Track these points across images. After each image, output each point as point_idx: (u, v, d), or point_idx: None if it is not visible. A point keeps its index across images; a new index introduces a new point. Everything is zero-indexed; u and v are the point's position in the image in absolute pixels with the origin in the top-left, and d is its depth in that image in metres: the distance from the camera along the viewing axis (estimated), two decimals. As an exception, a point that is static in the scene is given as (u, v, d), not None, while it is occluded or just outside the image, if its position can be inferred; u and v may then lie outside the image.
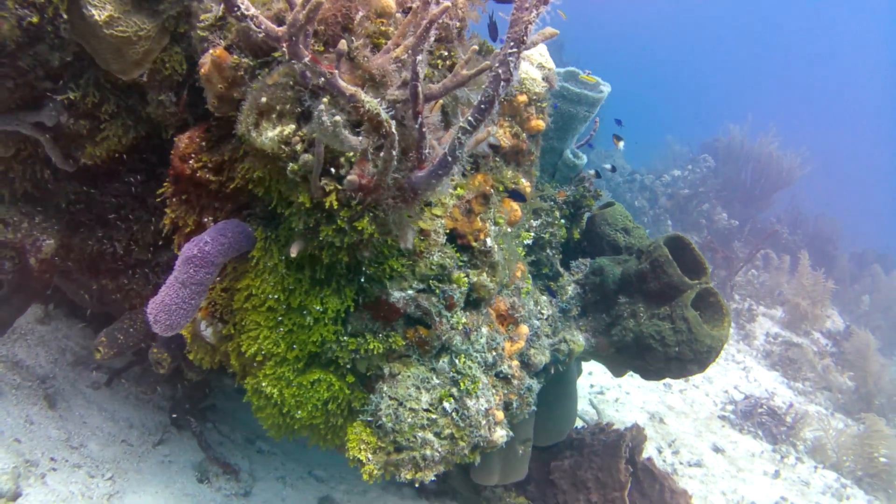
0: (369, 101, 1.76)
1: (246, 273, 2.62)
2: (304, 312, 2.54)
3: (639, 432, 5.07)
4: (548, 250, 4.24)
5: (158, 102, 2.84)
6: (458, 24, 2.52)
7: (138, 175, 3.32)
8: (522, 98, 3.02)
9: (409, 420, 2.53)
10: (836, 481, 6.59)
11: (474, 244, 2.70)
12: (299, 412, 2.70)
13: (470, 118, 1.84)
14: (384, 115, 1.78)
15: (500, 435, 2.67)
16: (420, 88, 1.90)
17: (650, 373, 4.38)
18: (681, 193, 14.99)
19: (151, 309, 2.45)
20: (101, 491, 3.98)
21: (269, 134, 2.07)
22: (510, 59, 1.74)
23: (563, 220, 4.39)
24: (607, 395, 7.46)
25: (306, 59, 1.69)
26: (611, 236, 4.75)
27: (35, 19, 2.55)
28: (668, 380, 7.58)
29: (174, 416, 4.47)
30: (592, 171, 4.71)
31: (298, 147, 2.07)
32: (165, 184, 2.85)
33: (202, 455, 4.50)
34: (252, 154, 2.31)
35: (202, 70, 2.34)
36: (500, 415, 2.68)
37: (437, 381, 2.62)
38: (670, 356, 4.06)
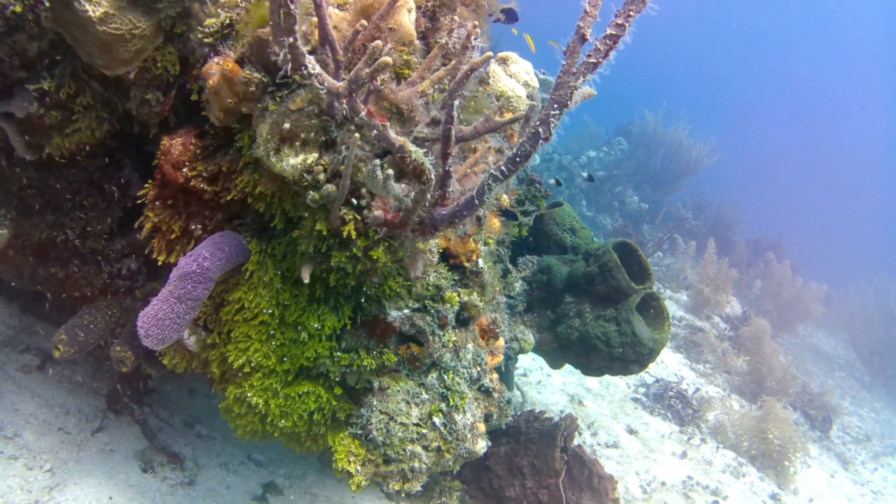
0: (416, 151, 1.79)
1: (238, 285, 2.59)
2: (299, 328, 2.55)
3: (571, 421, 5.34)
4: (501, 249, 4.37)
5: (143, 101, 2.72)
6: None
7: (118, 171, 3.19)
8: (508, 115, 3.08)
9: (400, 434, 2.61)
10: (734, 460, 7.18)
11: (466, 265, 2.78)
12: (283, 421, 2.72)
13: (503, 168, 1.91)
14: (428, 166, 1.82)
15: (482, 446, 2.80)
16: (453, 132, 1.95)
17: (592, 370, 4.63)
18: (596, 175, 15.49)
19: (143, 323, 2.39)
20: (40, 484, 3.84)
21: (292, 161, 2.05)
22: (552, 119, 1.82)
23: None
24: (530, 377, 7.77)
25: (363, 113, 1.70)
26: (558, 235, 4.93)
27: (18, 8, 2.39)
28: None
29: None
30: (553, 180, 4.86)
31: (321, 177, 2.07)
32: (147, 185, 2.76)
33: (144, 442, 4.40)
34: (266, 176, 2.28)
35: (210, 81, 2.27)
36: (481, 427, 2.80)
37: (427, 396, 2.71)
38: (614, 356, 4.31)
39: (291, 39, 1.54)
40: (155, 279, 3.66)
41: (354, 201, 2.11)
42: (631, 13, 1.69)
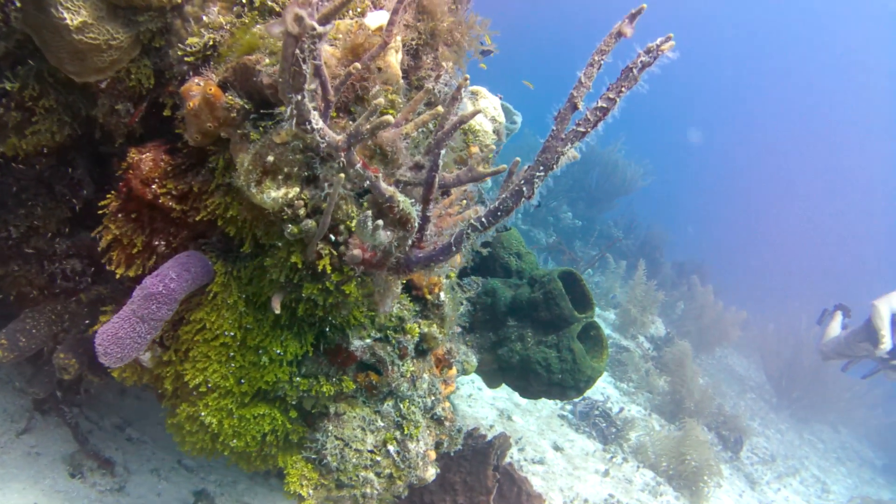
0: (404, 201, 1.84)
1: (200, 305, 2.57)
2: (260, 352, 2.55)
3: (504, 440, 5.46)
4: (450, 270, 4.45)
5: (112, 110, 2.66)
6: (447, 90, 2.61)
7: (69, 170, 3.10)
8: (474, 149, 3.17)
9: (354, 460, 2.64)
10: (653, 479, 7.48)
11: (429, 297, 2.84)
12: (235, 441, 2.72)
13: (483, 219, 1.98)
14: (414, 215, 1.88)
15: (432, 473, 2.86)
16: (437, 179, 2.01)
17: (530, 393, 4.76)
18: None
19: (102, 341, 2.35)
20: (-40, 489, 3.69)
21: (273, 194, 2.07)
22: (536, 179, 1.90)
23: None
24: (461, 390, 7.87)
25: (358, 166, 1.74)
26: (504, 259, 5.05)
27: (-10, 10, 2.31)
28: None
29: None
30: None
31: (301, 211, 2.09)
32: (109, 196, 2.70)
33: (73, 445, 4.27)
34: (242, 204, 2.28)
35: (190, 103, 2.25)
36: (432, 454, 2.87)
37: (382, 424, 2.75)
38: (553, 382, 4.45)
39: (299, 97, 1.57)
40: (99, 282, 3.57)
41: (332, 237, 2.15)
42: (623, 89, 1.79)
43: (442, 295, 2.88)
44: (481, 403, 7.76)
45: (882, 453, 13.99)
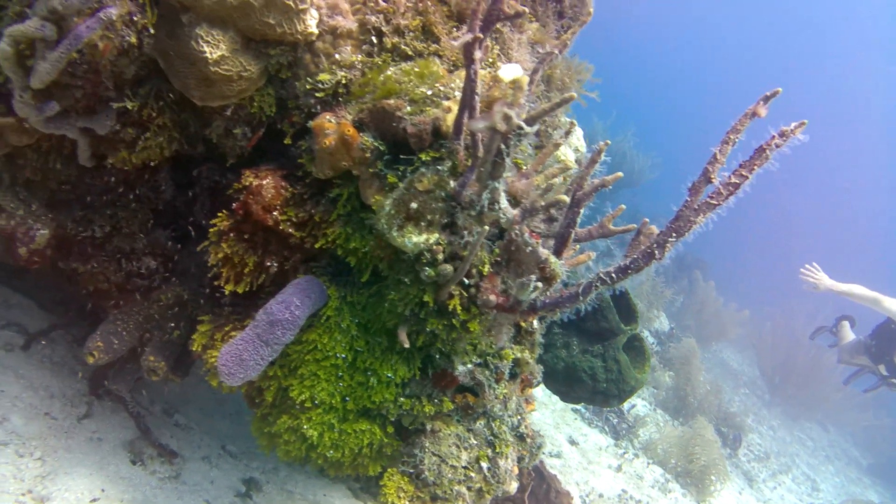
0: (555, 262, 1.98)
1: (312, 327, 2.69)
2: (369, 374, 2.69)
3: (539, 438, 5.66)
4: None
5: (230, 133, 2.75)
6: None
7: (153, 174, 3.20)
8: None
9: (450, 475, 2.80)
10: (661, 476, 7.74)
11: (523, 325, 2.98)
12: (332, 452, 2.86)
13: (612, 274, 2.12)
14: (560, 273, 2.02)
15: (514, 487, 3.04)
16: (572, 235, 2.14)
17: (571, 398, 4.93)
18: (541, 177, 15.83)
19: (225, 361, 2.47)
20: (32, 472, 3.79)
21: (415, 239, 2.18)
22: (668, 244, 2.04)
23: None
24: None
25: (526, 235, 1.87)
26: (549, 266, 5.18)
27: (133, 39, 2.38)
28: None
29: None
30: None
31: (440, 256, 2.21)
32: (221, 215, 2.79)
33: (130, 432, 4.38)
34: (375, 242, 2.39)
35: (326, 141, 2.35)
36: (516, 469, 3.04)
37: (475, 442, 2.91)
38: (598, 390, 4.62)
39: (496, 184, 1.69)
40: (171, 280, 3.68)
41: (465, 280, 2.27)
42: (755, 166, 1.92)
43: (535, 322, 3.02)
44: (499, 395, 7.93)
45: (868, 453, 14.44)
